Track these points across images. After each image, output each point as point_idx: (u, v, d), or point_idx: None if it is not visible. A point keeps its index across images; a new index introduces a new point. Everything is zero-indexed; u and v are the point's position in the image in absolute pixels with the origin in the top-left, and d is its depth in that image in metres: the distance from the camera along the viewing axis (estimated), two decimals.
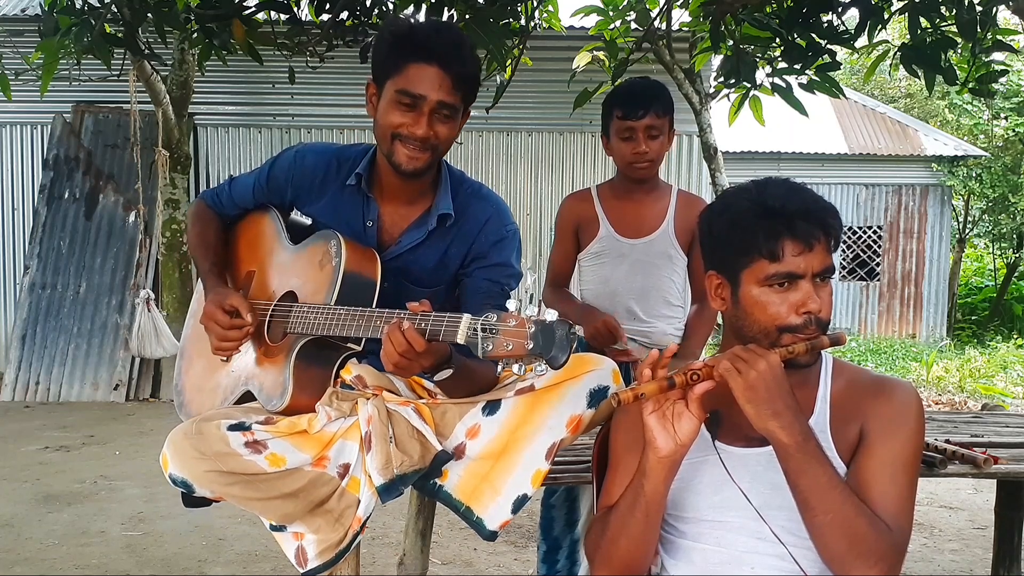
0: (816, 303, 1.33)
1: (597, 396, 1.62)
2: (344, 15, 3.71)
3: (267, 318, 1.78)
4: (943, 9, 3.42)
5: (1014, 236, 14.04)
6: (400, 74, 1.67)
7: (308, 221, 1.86)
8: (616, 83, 4.43)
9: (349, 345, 1.70)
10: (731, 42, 3.85)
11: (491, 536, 1.63)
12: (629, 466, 1.46)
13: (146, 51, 3.62)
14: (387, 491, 1.59)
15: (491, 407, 1.66)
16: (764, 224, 1.32)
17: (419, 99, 1.66)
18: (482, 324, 1.33)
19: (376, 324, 1.53)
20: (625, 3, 4.74)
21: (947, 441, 2.07)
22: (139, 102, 7.29)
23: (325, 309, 1.63)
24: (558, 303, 2.66)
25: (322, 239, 1.76)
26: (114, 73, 4.03)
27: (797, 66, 3.69)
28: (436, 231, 1.79)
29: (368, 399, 1.66)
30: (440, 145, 1.71)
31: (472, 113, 1.81)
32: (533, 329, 1.28)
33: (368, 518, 1.64)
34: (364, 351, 1.72)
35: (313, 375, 1.70)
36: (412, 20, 1.98)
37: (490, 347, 1.31)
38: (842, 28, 3.65)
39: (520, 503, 1.61)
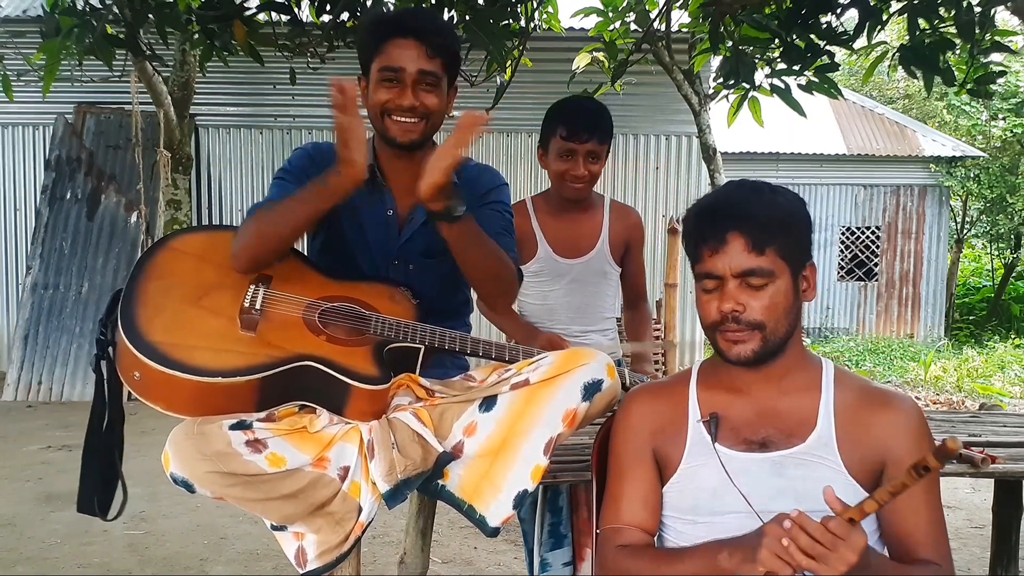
0: (730, 303, 1.36)
1: (591, 389, 1.63)
2: (345, 16, 3.72)
3: (317, 311, 1.76)
4: (942, 10, 3.43)
5: (1012, 236, 14.06)
6: (380, 54, 1.76)
7: None
8: (615, 84, 4.45)
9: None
10: (730, 43, 3.86)
11: (493, 533, 1.64)
12: (637, 480, 1.47)
13: (147, 52, 3.63)
14: (392, 497, 1.60)
15: (487, 404, 1.67)
16: (690, 228, 1.42)
17: (400, 71, 1.75)
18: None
19: (484, 348, 1.77)
20: (625, 4, 4.75)
21: None
22: (140, 103, 7.32)
23: (429, 328, 1.76)
24: (501, 318, 2.65)
25: (384, 283, 1.85)
26: (116, 74, 4.05)
27: (796, 67, 3.70)
28: None
29: None
30: (431, 115, 1.79)
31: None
32: None
33: (370, 523, 1.66)
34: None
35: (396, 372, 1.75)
36: (383, 10, 2.02)
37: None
38: (841, 29, 3.66)
39: (521, 499, 1.62)
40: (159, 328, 1.64)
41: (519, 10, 4.07)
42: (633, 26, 4.85)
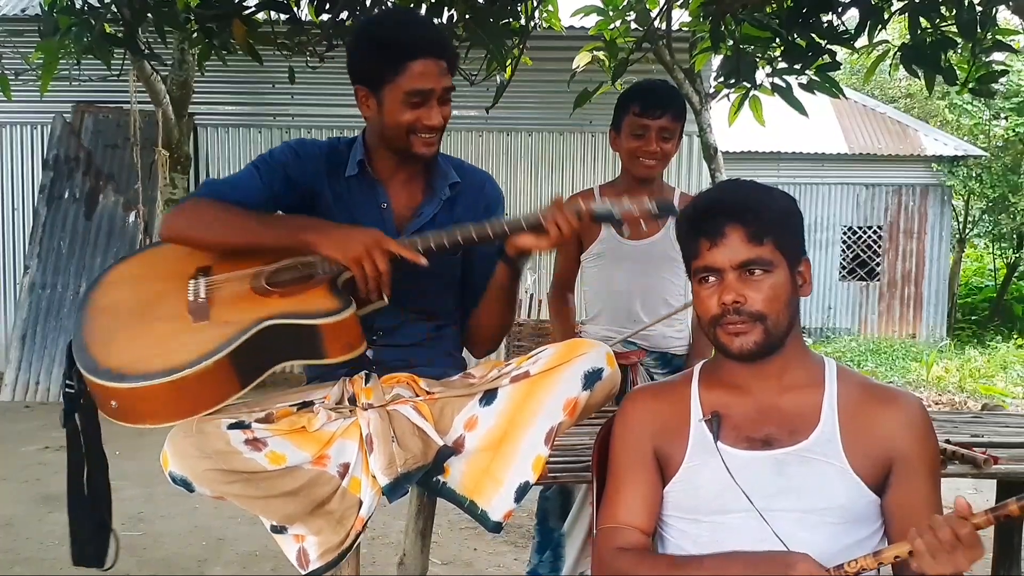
0: (731, 294, 1.37)
1: (591, 378, 1.63)
2: (344, 15, 3.71)
3: (263, 276, 1.72)
4: (943, 9, 3.42)
5: (1014, 236, 14.04)
6: (402, 75, 1.72)
7: None
8: (615, 83, 4.44)
9: (375, 301, 1.68)
10: (731, 42, 3.85)
11: (496, 528, 1.63)
12: (636, 481, 1.46)
13: (146, 51, 3.62)
14: (392, 491, 1.59)
15: (488, 397, 1.67)
16: (685, 226, 1.44)
17: (428, 93, 1.73)
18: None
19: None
20: (625, 3, 4.74)
21: (947, 441, 2.07)
22: (139, 102, 7.30)
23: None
24: (555, 318, 2.76)
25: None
26: (114, 73, 4.04)
27: (797, 66, 3.69)
28: (447, 200, 1.86)
29: (367, 409, 1.66)
30: (445, 123, 1.80)
31: (472, 113, 1.85)
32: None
33: (370, 518, 1.65)
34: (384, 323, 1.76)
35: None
36: (384, 20, 2.01)
37: (617, 212, 1.62)
38: (842, 28, 3.65)
39: (522, 492, 1.61)
40: (115, 354, 1.62)
41: (519, 8, 4.06)
42: (633, 25, 4.84)
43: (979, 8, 3.35)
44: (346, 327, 1.62)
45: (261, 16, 3.85)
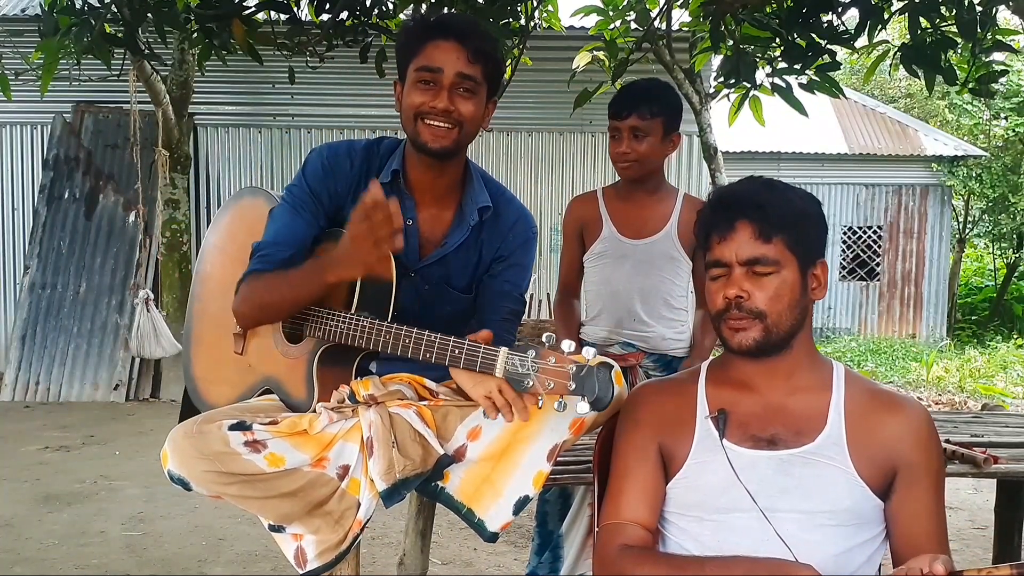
0: (735, 289, 1.38)
1: None
2: (344, 15, 3.72)
3: None
4: (943, 9, 3.42)
5: (1014, 236, 14.03)
6: (418, 55, 1.68)
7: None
8: (615, 83, 4.44)
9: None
10: (731, 42, 3.85)
11: (492, 538, 1.63)
12: (640, 476, 1.46)
13: (146, 51, 3.62)
14: (390, 496, 1.59)
15: None
16: (703, 218, 1.45)
17: (437, 72, 1.66)
18: (520, 360, 1.37)
19: (403, 343, 1.56)
20: (625, 3, 4.74)
21: (947, 441, 2.07)
22: (139, 102, 7.30)
23: (348, 319, 1.62)
24: (560, 324, 2.71)
25: (334, 240, 1.73)
26: (114, 73, 4.04)
27: (797, 66, 3.69)
28: (475, 227, 1.80)
29: (371, 407, 1.66)
30: (465, 123, 1.69)
31: None
32: (574, 370, 1.31)
33: (368, 520, 1.64)
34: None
35: (335, 375, 1.70)
36: (424, 12, 1.98)
37: (531, 384, 1.35)
38: (842, 28, 3.65)
39: (521, 505, 1.61)
40: (197, 362, 1.95)
41: (519, 8, 4.06)
42: (633, 25, 4.84)
43: (979, 8, 3.35)
44: (323, 399, 1.70)
45: (261, 16, 3.85)
